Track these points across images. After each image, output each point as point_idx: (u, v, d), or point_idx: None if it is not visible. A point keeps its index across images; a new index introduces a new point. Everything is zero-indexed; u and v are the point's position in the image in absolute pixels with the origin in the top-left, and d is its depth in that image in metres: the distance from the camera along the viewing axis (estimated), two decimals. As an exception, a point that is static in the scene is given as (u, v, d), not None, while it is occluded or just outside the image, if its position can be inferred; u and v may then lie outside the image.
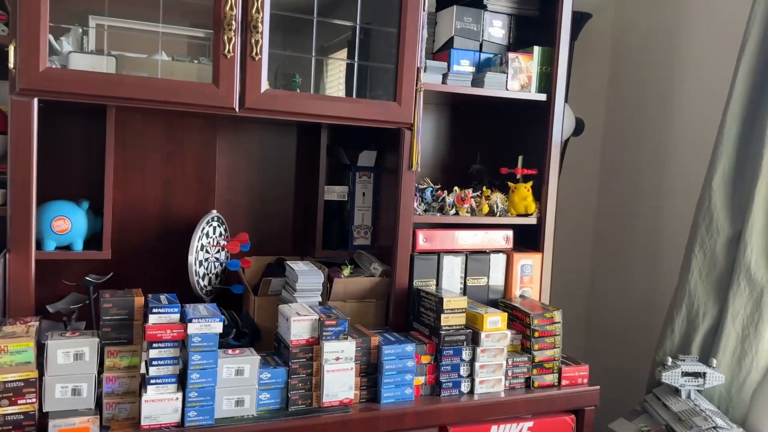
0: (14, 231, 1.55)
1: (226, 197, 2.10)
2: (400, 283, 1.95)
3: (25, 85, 1.51)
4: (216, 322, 1.56)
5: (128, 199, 1.98)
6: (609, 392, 2.21)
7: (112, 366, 1.53)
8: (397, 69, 1.87)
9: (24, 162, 1.55)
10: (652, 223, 2.59)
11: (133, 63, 1.81)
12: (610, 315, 2.78)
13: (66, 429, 1.43)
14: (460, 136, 2.39)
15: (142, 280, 1.92)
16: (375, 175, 2.14)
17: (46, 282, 1.81)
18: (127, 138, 1.97)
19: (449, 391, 1.82)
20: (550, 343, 1.95)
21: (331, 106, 1.82)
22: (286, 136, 2.17)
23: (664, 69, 2.56)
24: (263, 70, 1.71)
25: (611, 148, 2.81)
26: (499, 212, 2.10)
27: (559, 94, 2.12)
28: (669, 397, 2.00)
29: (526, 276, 2.14)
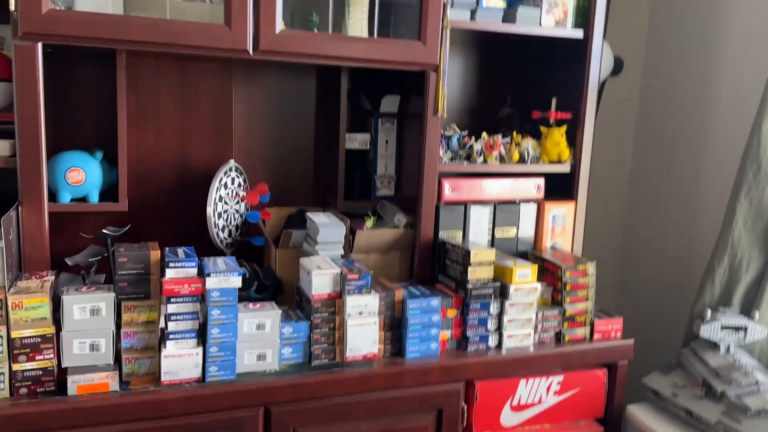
0: (25, 183, 1.51)
1: (243, 146, 2.03)
2: (425, 235, 1.87)
3: (27, 28, 1.44)
4: (235, 276, 1.51)
5: (143, 149, 1.92)
6: (644, 346, 2.14)
7: (129, 321, 1.50)
8: (422, 5, 1.74)
9: (31, 110, 1.49)
10: (692, 169, 2.46)
11: (141, 3, 1.71)
12: (646, 266, 2.68)
13: (85, 384, 1.41)
14: (489, 79, 2.26)
15: (161, 233, 1.88)
16: (398, 121, 2.04)
17: (63, 235, 1.78)
18: (140, 85, 1.89)
19: (476, 345, 1.77)
20: (583, 296, 1.87)
21: (350, 47, 1.71)
22: (305, 81, 2.07)
23: (710, 3, 2.37)
24: (278, 8, 1.60)
25: (651, 88, 2.64)
26: (530, 159, 1.99)
27: (598, 30, 1.97)
28: (707, 351, 1.92)
29: (558, 227, 2.05)
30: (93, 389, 1.42)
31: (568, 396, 1.86)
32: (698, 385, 1.86)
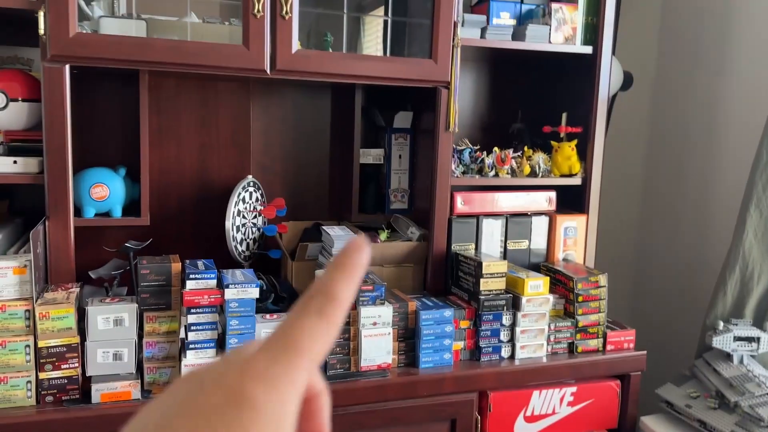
0: (52, 198, 1.57)
1: (261, 162, 2.08)
2: (438, 248, 1.91)
3: (55, 51, 1.50)
4: (252, 287, 1.56)
5: (164, 165, 1.98)
6: (657, 357, 2.14)
7: (151, 331, 1.55)
8: (433, 24, 1.79)
9: (59, 129, 1.55)
10: (703, 181, 2.47)
11: (163, 26, 1.78)
12: (658, 277, 2.69)
13: (108, 392, 1.46)
14: (500, 94, 2.30)
15: (181, 246, 1.94)
16: (411, 136, 2.08)
17: (87, 249, 1.84)
18: (162, 103, 1.95)
19: (489, 356, 1.79)
20: (595, 307, 1.89)
21: (363, 66, 1.76)
22: (320, 98, 2.13)
23: (719, 17, 2.40)
24: (294, 29, 1.66)
25: (661, 102, 2.67)
26: (542, 173, 2.03)
27: (606, 46, 2.01)
28: (720, 363, 1.92)
29: (570, 239, 2.07)
30: (116, 397, 1.47)
31: (581, 407, 1.88)
32: (712, 396, 1.86)
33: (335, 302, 0.34)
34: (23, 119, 1.63)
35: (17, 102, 1.61)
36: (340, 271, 0.35)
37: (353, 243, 0.36)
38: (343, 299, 0.35)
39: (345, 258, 0.36)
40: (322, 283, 0.35)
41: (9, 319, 1.42)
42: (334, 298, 0.34)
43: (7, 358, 1.41)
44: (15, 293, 1.43)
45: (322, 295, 0.34)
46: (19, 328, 1.43)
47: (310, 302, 0.34)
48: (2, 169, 1.57)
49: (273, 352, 0.33)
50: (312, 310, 0.34)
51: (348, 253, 0.36)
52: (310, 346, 0.33)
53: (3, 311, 1.42)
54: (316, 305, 0.34)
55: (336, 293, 0.34)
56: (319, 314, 0.34)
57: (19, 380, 1.42)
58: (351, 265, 0.35)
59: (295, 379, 0.33)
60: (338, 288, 0.35)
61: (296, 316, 0.34)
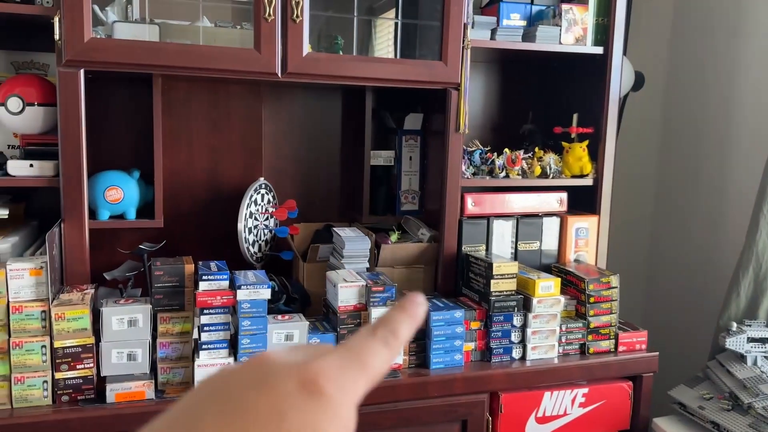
0: (67, 201, 1.59)
1: (272, 164, 2.10)
2: (449, 249, 1.91)
3: (70, 56, 1.53)
4: (264, 288, 1.57)
5: (177, 168, 2.00)
6: (669, 358, 2.13)
7: (165, 332, 1.56)
8: (443, 26, 1.80)
9: (73, 133, 1.58)
10: (716, 181, 2.45)
11: (176, 30, 1.80)
12: (671, 278, 2.67)
13: (123, 392, 1.48)
14: (511, 95, 2.30)
15: (194, 247, 1.95)
16: (422, 138, 2.09)
17: (102, 250, 1.86)
18: (174, 107, 1.98)
19: (500, 357, 1.79)
20: (607, 308, 1.88)
21: (373, 68, 1.77)
22: (331, 101, 2.14)
23: (732, 16, 2.38)
24: (305, 32, 1.67)
25: (673, 102, 2.66)
26: (553, 174, 2.02)
27: (617, 46, 2.00)
28: (734, 364, 1.91)
29: (582, 240, 2.07)
30: (130, 397, 1.49)
31: (593, 408, 1.87)
32: (725, 398, 1.85)
33: (398, 339, 0.40)
34: (39, 123, 1.65)
35: (33, 106, 1.63)
36: (404, 315, 0.41)
37: (416, 297, 0.42)
38: (403, 338, 0.40)
39: (408, 306, 0.41)
40: (387, 319, 0.41)
41: (25, 319, 1.45)
42: (398, 335, 0.40)
43: (24, 359, 1.44)
44: (31, 294, 1.46)
45: (389, 331, 0.40)
46: (35, 329, 1.45)
47: (377, 332, 0.40)
48: (19, 173, 1.59)
49: (344, 361, 0.37)
50: (379, 338, 0.39)
51: (412, 302, 0.42)
52: (375, 365, 0.38)
53: (20, 312, 1.44)
54: (383, 336, 0.39)
55: (399, 332, 0.40)
56: (384, 343, 0.39)
57: (35, 380, 1.44)
58: (413, 313, 0.41)
59: (359, 389, 0.37)
60: (401, 328, 0.40)
61: (365, 339, 0.39)
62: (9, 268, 1.44)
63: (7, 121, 1.64)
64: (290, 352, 0.38)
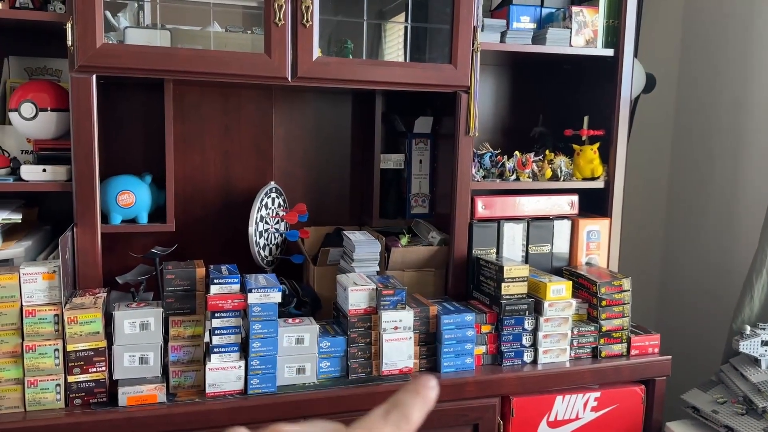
0: (79, 206, 1.60)
1: (283, 168, 2.10)
2: (459, 252, 1.91)
3: (83, 62, 1.54)
4: (275, 292, 1.57)
5: (189, 172, 2.01)
6: (682, 362, 2.12)
7: (176, 335, 1.57)
8: (453, 29, 1.80)
9: (86, 138, 1.59)
10: (729, 183, 2.43)
11: (187, 36, 1.82)
12: (684, 281, 2.65)
13: (135, 396, 1.48)
14: (521, 98, 2.30)
15: (205, 251, 1.96)
16: (432, 141, 2.09)
17: (114, 254, 1.88)
18: (186, 111, 1.99)
19: (511, 361, 1.78)
20: (619, 312, 1.87)
21: (383, 72, 1.78)
22: (341, 105, 2.15)
23: (744, 16, 2.36)
24: (314, 37, 1.68)
25: (685, 104, 2.64)
26: (563, 176, 2.02)
27: (628, 48, 1.99)
28: (747, 368, 1.89)
29: (593, 242, 2.05)
30: (142, 400, 1.49)
31: (605, 412, 1.86)
32: (739, 402, 1.83)
33: (409, 423, 0.40)
34: (52, 128, 1.67)
35: (46, 112, 1.65)
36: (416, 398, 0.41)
37: (428, 380, 0.42)
38: (415, 422, 0.40)
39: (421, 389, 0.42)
40: (399, 401, 0.41)
41: (38, 323, 1.46)
42: (410, 419, 0.40)
43: (37, 362, 1.45)
44: (44, 298, 1.47)
45: (401, 415, 0.40)
46: (48, 333, 1.46)
47: (389, 416, 0.40)
48: (32, 177, 1.61)
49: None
50: (391, 422, 0.40)
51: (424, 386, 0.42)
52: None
53: (33, 316, 1.45)
54: (395, 419, 0.40)
55: (411, 416, 0.40)
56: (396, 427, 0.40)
57: (48, 383, 1.45)
58: (424, 395, 0.41)
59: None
60: (413, 412, 0.41)
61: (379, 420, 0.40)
62: (22, 272, 1.45)
63: (21, 127, 1.66)
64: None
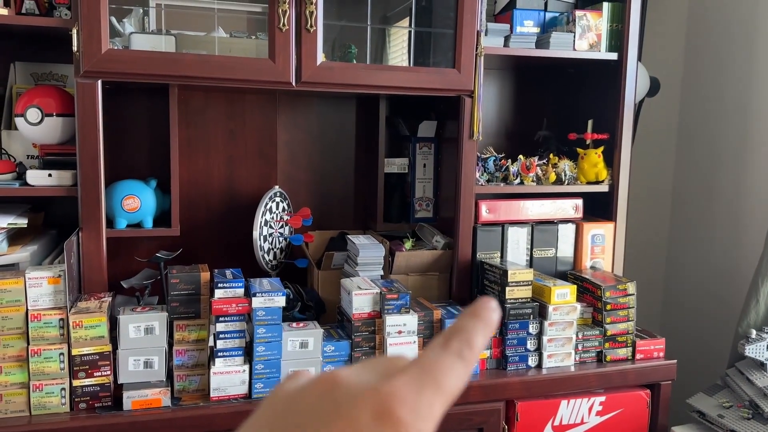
0: (85, 210, 1.61)
1: (287, 172, 2.11)
2: (463, 256, 1.91)
3: (88, 67, 1.55)
4: (279, 296, 1.58)
5: (193, 177, 2.02)
6: (688, 366, 2.11)
7: (181, 339, 1.57)
8: (456, 34, 1.80)
9: (91, 143, 1.60)
10: (734, 186, 2.43)
11: (192, 41, 1.83)
12: (689, 285, 2.64)
13: (139, 400, 1.49)
14: (525, 102, 2.30)
15: (210, 255, 1.97)
16: (436, 145, 2.09)
17: (119, 259, 1.88)
18: (190, 116, 2.00)
19: (516, 365, 1.78)
20: (624, 316, 1.87)
21: (387, 76, 1.78)
22: (345, 109, 2.15)
23: (748, 20, 2.36)
24: (319, 42, 1.68)
25: (690, 108, 2.64)
26: (568, 180, 2.01)
27: (632, 52, 1.99)
28: (753, 372, 1.88)
29: (598, 246, 2.05)
30: (147, 404, 1.50)
31: (610, 416, 1.85)
32: (745, 406, 1.82)
33: (473, 349, 0.36)
34: (58, 133, 1.68)
35: (52, 117, 1.66)
36: (477, 322, 0.37)
37: (488, 301, 0.38)
38: (478, 348, 0.37)
39: (481, 311, 0.38)
40: (459, 328, 0.37)
41: (44, 327, 1.46)
42: (473, 345, 0.36)
43: (42, 366, 1.45)
44: (50, 302, 1.48)
45: (463, 341, 0.36)
46: (53, 337, 1.47)
47: (450, 343, 0.36)
48: (38, 182, 1.62)
49: (419, 382, 0.34)
50: (453, 351, 0.36)
51: (484, 308, 0.38)
52: (451, 384, 0.35)
53: (38, 320, 1.46)
54: (457, 348, 0.36)
55: (474, 341, 0.36)
56: (459, 356, 0.36)
57: (53, 387, 1.46)
58: (486, 318, 0.37)
59: (436, 413, 0.34)
60: (476, 337, 0.37)
61: (439, 353, 0.36)
62: (28, 276, 1.46)
63: (27, 132, 1.67)
64: (360, 372, 0.35)
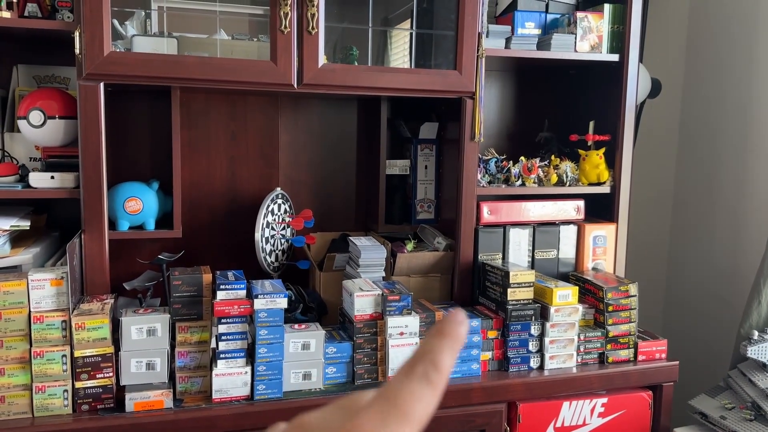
0: (87, 212, 1.61)
1: (289, 174, 2.11)
2: (465, 257, 1.91)
3: (90, 69, 1.56)
4: (281, 297, 1.58)
5: (195, 179, 2.02)
6: (690, 367, 2.11)
7: (183, 341, 1.58)
8: (457, 35, 1.81)
9: (94, 145, 1.60)
10: (735, 187, 2.43)
11: (194, 43, 1.83)
12: (691, 286, 2.64)
13: (142, 401, 1.49)
14: (526, 103, 2.30)
15: (212, 257, 1.97)
16: (437, 147, 2.09)
17: (122, 261, 1.89)
18: (192, 118, 2.00)
19: (518, 366, 1.78)
20: (625, 317, 1.87)
21: (388, 78, 1.78)
22: (347, 111, 2.15)
23: (749, 21, 2.36)
24: (320, 44, 1.69)
25: (691, 109, 2.63)
26: (569, 182, 2.02)
27: (633, 53, 1.99)
28: (756, 373, 1.88)
29: (599, 248, 2.05)
30: (149, 406, 1.50)
31: (612, 418, 1.85)
32: (747, 408, 1.82)
33: (440, 371, 0.35)
34: (60, 136, 1.68)
35: (54, 119, 1.66)
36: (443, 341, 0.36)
37: (455, 316, 0.37)
38: (446, 369, 0.35)
39: (447, 328, 0.36)
40: (425, 349, 0.36)
41: (46, 329, 1.47)
42: (439, 366, 0.35)
43: (45, 368, 1.46)
44: (52, 304, 1.48)
45: (428, 363, 0.35)
46: (56, 339, 1.47)
47: (415, 367, 0.35)
48: (40, 185, 1.62)
49: (383, 415, 0.33)
50: (418, 375, 0.35)
51: (450, 324, 0.36)
52: (416, 411, 0.34)
53: (41, 322, 1.46)
54: (422, 371, 0.35)
55: (440, 362, 0.35)
56: (425, 380, 0.35)
57: (56, 389, 1.46)
58: (453, 336, 0.36)
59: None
60: (442, 357, 0.35)
61: (403, 379, 0.35)
62: (30, 278, 1.46)
63: (29, 134, 1.68)
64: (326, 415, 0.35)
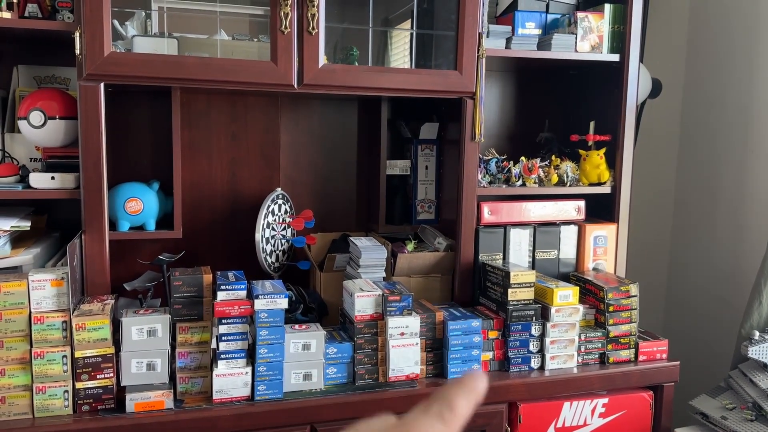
0: (88, 213, 1.61)
1: (289, 174, 2.11)
2: (466, 258, 1.91)
3: (91, 70, 1.56)
4: (281, 298, 1.58)
5: (196, 179, 2.02)
6: (690, 368, 2.10)
7: (183, 342, 1.58)
8: (458, 36, 1.80)
9: (94, 145, 1.60)
10: (736, 187, 2.42)
11: (194, 44, 1.83)
12: (691, 286, 2.64)
13: (142, 402, 1.49)
14: (527, 104, 2.30)
15: (212, 258, 1.97)
16: (437, 147, 2.09)
17: (122, 261, 1.89)
18: (193, 119, 2.00)
19: (518, 367, 1.78)
20: (626, 317, 1.87)
21: (389, 78, 1.78)
22: (347, 112, 2.15)
23: (748, 21, 2.36)
24: (320, 44, 1.69)
25: (692, 109, 2.63)
26: (570, 182, 2.01)
27: (634, 53, 1.99)
28: (757, 373, 1.88)
29: (600, 248, 2.05)
30: (149, 407, 1.50)
31: (613, 418, 1.85)
32: (748, 408, 1.82)
33: (455, 413, 0.37)
34: (60, 136, 1.68)
35: (55, 120, 1.66)
36: (462, 389, 0.39)
37: (476, 373, 0.40)
38: (461, 412, 0.38)
39: (467, 379, 0.39)
40: (443, 393, 0.38)
41: (47, 330, 1.47)
42: (453, 407, 0.38)
43: (46, 368, 1.45)
44: (53, 305, 1.48)
45: (445, 403, 0.38)
46: (56, 339, 1.47)
47: (431, 407, 0.37)
48: (41, 185, 1.62)
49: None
50: (434, 413, 0.37)
51: (470, 377, 0.40)
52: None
53: (41, 322, 1.46)
54: (438, 410, 0.37)
55: (456, 405, 0.38)
56: (440, 419, 0.37)
57: (56, 390, 1.46)
58: (470, 386, 0.39)
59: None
60: (459, 402, 0.38)
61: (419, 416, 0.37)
62: (31, 279, 1.46)
63: (30, 135, 1.68)
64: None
